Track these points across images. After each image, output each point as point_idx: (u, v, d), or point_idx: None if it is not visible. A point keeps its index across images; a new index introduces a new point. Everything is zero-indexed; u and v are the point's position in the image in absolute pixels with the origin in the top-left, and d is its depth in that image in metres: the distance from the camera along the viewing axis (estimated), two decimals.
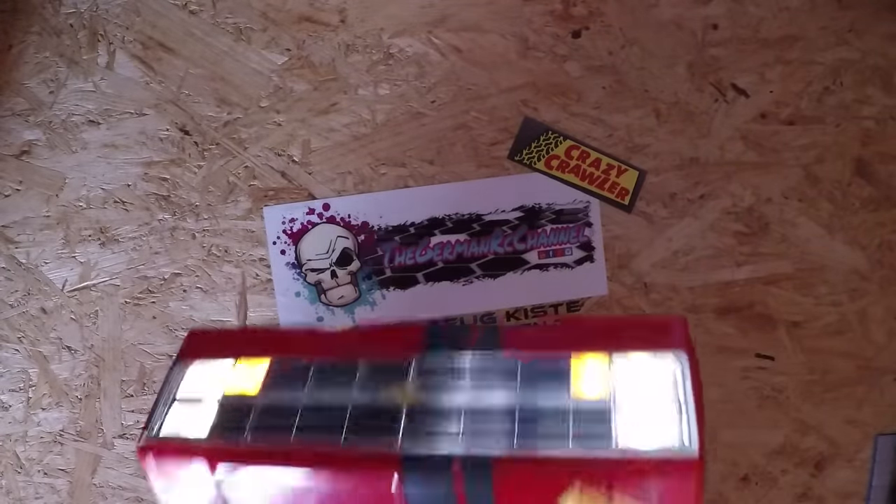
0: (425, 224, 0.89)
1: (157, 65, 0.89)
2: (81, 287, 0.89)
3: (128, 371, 0.89)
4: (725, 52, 0.91)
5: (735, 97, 0.91)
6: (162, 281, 0.89)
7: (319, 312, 0.88)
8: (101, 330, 0.89)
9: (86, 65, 0.90)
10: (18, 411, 0.89)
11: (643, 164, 0.89)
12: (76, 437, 0.89)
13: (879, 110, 0.92)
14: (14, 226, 0.90)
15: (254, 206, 0.89)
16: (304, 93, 0.89)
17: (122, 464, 0.89)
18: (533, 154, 0.89)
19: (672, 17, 0.90)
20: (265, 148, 0.89)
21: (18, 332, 0.89)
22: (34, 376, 0.89)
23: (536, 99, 0.89)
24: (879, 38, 0.92)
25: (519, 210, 0.88)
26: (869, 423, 0.91)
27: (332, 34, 0.89)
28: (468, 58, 0.89)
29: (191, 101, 0.89)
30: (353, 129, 0.89)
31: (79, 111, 0.90)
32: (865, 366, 0.91)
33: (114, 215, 0.89)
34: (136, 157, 0.89)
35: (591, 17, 0.90)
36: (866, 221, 0.91)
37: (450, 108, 0.89)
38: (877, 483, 0.91)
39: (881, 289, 0.91)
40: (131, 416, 0.89)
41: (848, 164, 0.91)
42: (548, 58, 0.90)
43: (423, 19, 0.89)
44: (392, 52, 0.89)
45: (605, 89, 0.90)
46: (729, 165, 0.90)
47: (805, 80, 0.91)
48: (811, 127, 0.91)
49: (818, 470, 0.91)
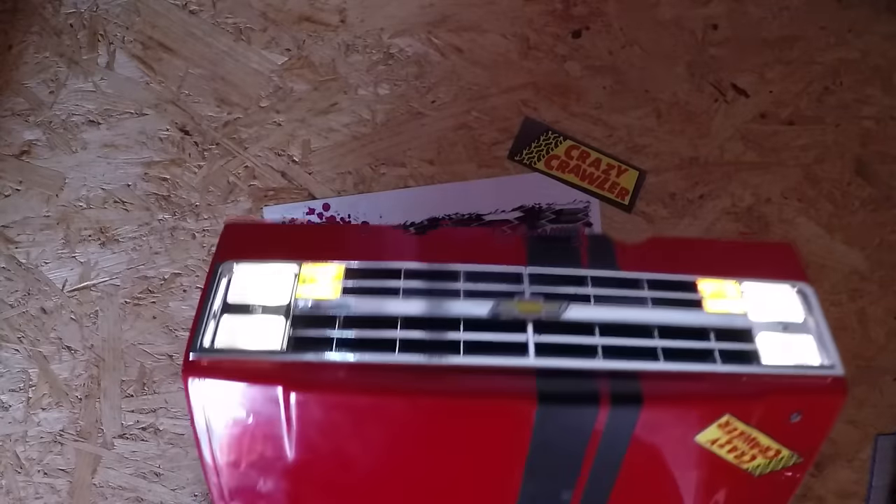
0: (425, 224, 0.89)
1: (157, 65, 0.89)
2: (81, 287, 0.89)
3: (128, 371, 0.89)
4: (725, 52, 0.91)
5: (735, 97, 0.91)
6: (162, 281, 0.89)
7: None
8: (101, 330, 0.89)
9: (86, 65, 0.90)
10: (18, 411, 0.89)
11: (643, 164, 0.89)
12: (76, 437, 0.89)
13: (879, 110, 0.92)
14: (14, 226, 0.90)
15: (254, 206, 0.89)
16: (304, 93, 0.89)
17: (122, 464, 0.89)
18: (533, 154, 0.89)
19: (672, 17, 0.90)
20: (265, 148, 0.89)
21: (18, 332, 0.89)
22: (34, 376, 0.89)
23: (536, 99, 0.89)
24: (879, 38, 0.92)
25: (519, 210, 0.88)
26: (869, 423, 0.91)
27: (332, 34, 0.89)
28: (468, 58, 0.89)
29: (191, 101, 0.89)
30: (353, 129, 0.89)
31: (79, 111, 0.89)
32: (865, 366, 0.91)
33: (114, 215, 0.89)
34: (136, 157, 0.89)
35: (591, 16, 0.90)
36: (866, 221, 0.91)
37: (450, 108, 0.89)
38: (877, 483, 0.91)
39: (881, 289, 0.91)
40: (131, 416, 0.89)
41: (848, 164, 0.91)
42: (548, 58, 0.90)
43: (423, 19, 0.89)
44: (392, 52, 0.89)
45: (605, 89, 0.90)
46: (729, 165, 0.90)
47: (805, 80, 0.91)
48: (811, 127, 0.91)
49: (818, 470, 0.91)
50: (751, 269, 0.43)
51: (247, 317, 0.40)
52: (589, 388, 0.37)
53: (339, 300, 0.40)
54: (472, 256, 0.41)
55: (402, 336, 0.38)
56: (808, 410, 0.39)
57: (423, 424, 0.38)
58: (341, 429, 0.38)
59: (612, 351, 0.38)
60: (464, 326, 0.38)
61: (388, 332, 0.38)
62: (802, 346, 0.41)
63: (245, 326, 0.40)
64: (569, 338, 0.38)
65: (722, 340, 0.40)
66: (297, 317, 0.40)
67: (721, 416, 0.38)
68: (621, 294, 0.40)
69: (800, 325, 0.42)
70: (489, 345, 0.37)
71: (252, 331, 0.40)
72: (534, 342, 0.37)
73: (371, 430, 0.39)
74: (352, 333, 0.38)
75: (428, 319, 0.38)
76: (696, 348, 0.39)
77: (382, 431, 0.39)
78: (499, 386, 0.36)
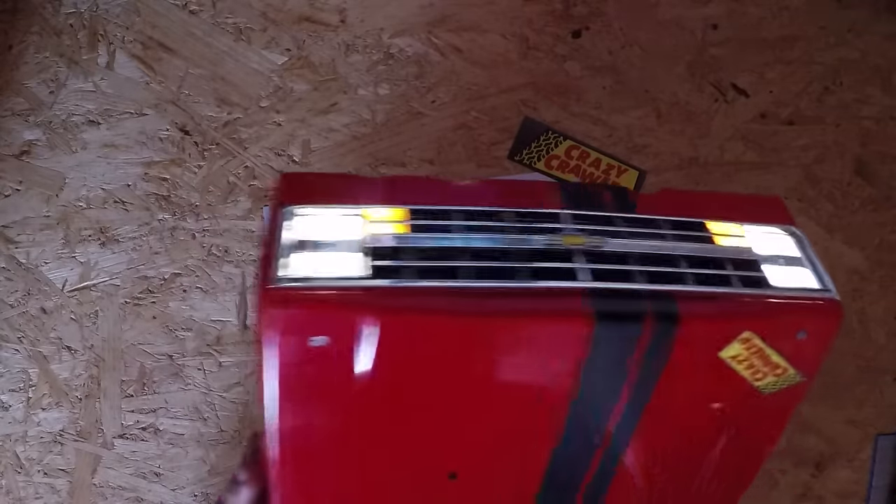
0: None
1: (157, 65, 0.89)
2: (81, 287, 0.89)
3: (128, 371, 0.89)
4: (725, 52, 0.91)
5: (735, 97, 0.91)
6: (162, 281, 0.89)
7: None
8: (101, 330, 0.89)
9: (86, 65, 0.90)
10: (18, 411, 0.89)
11: (643, 164, 0.89)
12: (76, 437, 0.89)
13: (879, 110, 0.92)
14: (14, 226, 0.90)
15: (254, 206, 0.89)
16: (304, 93, 0.89)
17: (122, 464, 0.89)
18: (533, 154, 0.89)
19: (672, 17, 0.90)
20: (265, 148, 0.89)
21: (18, 332, 0.89)
22: (34, 376, 0.89)
23: (536, 99, 0.89)
24: (879, 38, 0.92)
25: None
26: (869, 423, 0.91)
27: (332, 34, 0.89)
28: (468, 58, 0.89)
29: (191, 101, 0.89)
30: (353, 129, 0.89)
31: (79, 111, 0.89)
32: (865, 366, 0.91)
33: (114, 215, 0.89)
34: (136, 157, 0.89)
35: (591, 16, 0.90)
36: (866, 221, 0.91)
37: (450, 107, 0.89)
38: (877, 483, 0.91)
39: (881, 289, 0.91)
40: (131, 416, 0.89)
41: (848, 164, 0.91)
42: (548, 58, 0.90)
43: (423, 19, 0.89)
44: (392, 52, 0.89)
45: (605, 89, 0.90)
46: (729, 165, 0.90)
47: (805, 80, 0.91)
48: (811, 127, 0.91)
49: (818, 470, 0.91)
50: (749, 215, 0.49)
51: (320, 252, 0.42)
52: (636, 307, 0.41)
53: (409, 235, 0.43)
54: (518, 202, 0.46)
55: (475, 265, 0.42)
56: (812, 329, 0.45)
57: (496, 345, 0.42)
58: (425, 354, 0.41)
59: (648, 276, 0.43)
60: (523, 257, 0.43)
61: (462, 261, 0.42)
62: (801, 276, 0.47)
63: (321, 260, 0.41)
64: (611, 266, 0.43)
65: (737, 269, 0.45)
66: (371, 249, 0.41)
67: (742, 333, 0.43)
68: (646, 231, 0.46)
69: (797, 259, 0.47)
70: (547, 270, 0.42)
71: (329, 263, 0.41)
72: (583, 268, 0.42)
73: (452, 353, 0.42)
74: (430, 263, 0.41)
75: (490, 250, 0.43)
76: (717, 274, 0.44)
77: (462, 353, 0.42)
78: (561, 306, 0.41)
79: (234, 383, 0.88)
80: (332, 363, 0.40)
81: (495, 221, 0.44)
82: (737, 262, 0.46)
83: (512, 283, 0.41)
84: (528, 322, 0.41)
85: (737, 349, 0.44)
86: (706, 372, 0.44)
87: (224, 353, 0.89)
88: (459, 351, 0.42)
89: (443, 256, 0.42)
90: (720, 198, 0.56)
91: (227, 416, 0.88)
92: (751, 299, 0.44)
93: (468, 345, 0.41)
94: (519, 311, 0.41)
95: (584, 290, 0.41)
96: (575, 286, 0.41)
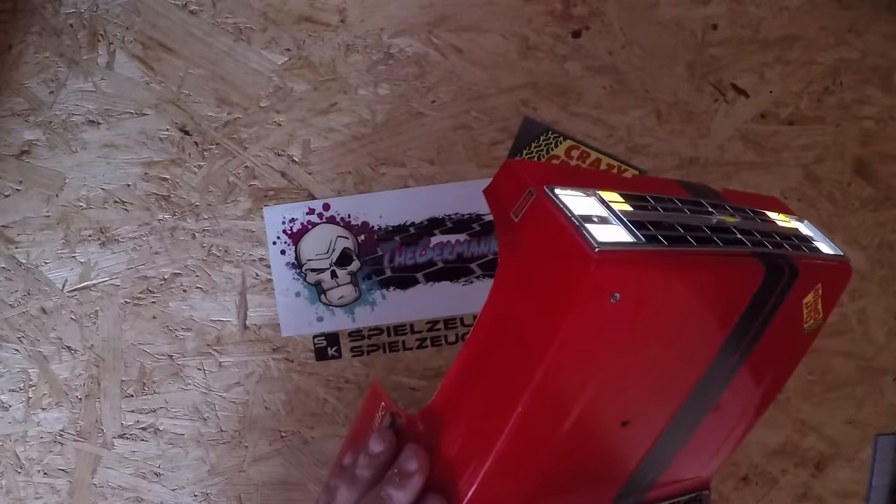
0: (425, 224, 0.89)
1: (157, 65, 0.89)
2: (81, 287, 0.89)
3: (128, 371, 0.89)
4: (725, 52, 0.91)
5: (735, 97, 0.91)
6: (162, 281, 0.89)
7: (319, 312, 0.88)
8: (101, 330, 0.89)
9: (86, 65, 0.90)
10: (18, 411, 0.89)
11: (643, 164, 0.89)
12: (76, 437, 0.89)
13: (879, 110, 0.92)
14: (14, 226, 0.90)
15: (254, 206, 0.89)
16: (304, 93, 0.89)
17: (122, 464, 0.89)
18: (533, 154, 0.89)
19: (672, 17, 0.90)
20: (265, 148, 0.89)
21: (18, 332, 0.89)
22: (34, 376, 0.89)
23: (536, 99, 0.89)
24: (879, 38, 0.92)
25: None
26: (869, 423, 0.91)
27: (332, 34, 0.89)
28: (468, 58, 0.89)
29: (191, 101, 0.89)
30: (353, 129, 0.89)
31: (79, 111, 0.90)
32: (865, 366, 0.91)
33: (114, 215, 0.89)
34: (136, 157, 0.89)
35: (591, 16, 0.90)
36: (866, 221, 0.91)
37: (450, 108, 0.89)
38: (877, 483, 0.91)
39: (881, 289, 0.91)
40: (131, 416, 0.89)
41: (848, 164, 0.91)
42: (548, 58, 0.90)
43: (423, 19, 0.89)
44: (392, 52, 0.89)
45: (605, 89, 0.90)
46: (729, 165, 0.90)
47: (805, 80, 0.91)
48: (811, 127, 0.91)
49: (818, 470, 0.91)
50: (771, 207, 0.67)
51: (599, 225, 0.47)
52: (784, 261, 0.56)
53: (646, 212, 0.52)
54: (671, 192, 0.58)
55: (700, 235, 0.53)
56: (833, 284, 0.62)
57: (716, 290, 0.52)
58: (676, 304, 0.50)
59: (771, 244, 0.58)
60: (707, 229, 0.55)
61: (692, 233, 0.52)
62: (825, 247, 0.63)
63: (607, 230, 0.47)
64: (754, 237, 0.57)
65: (801, 242, 0.61)
66: (632, 222, 0.49)
67: (817, 285, 0.59)
68: (748, 215, 0.61)
69: (818, 237, 0.65)
70: (729, 239, 0.55)
71: (611, 233, 0.47)
72: (743, 238, 0.56)
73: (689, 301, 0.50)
74: (670, 233, 0.50)
75: (694, 226, 0.54)
76: (797, 244, 0.60)
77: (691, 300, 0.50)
78: (748, 259, 0.54)
79: (234, 383, 0.88)
80: (620, 320, 0.46)
81: (681, 205, 0.55)
82: (800, 237, 0.63)
83: (719, 247, 0.52)
84: (741, 269, 0.53)
85: (811, 297, 0.59)
86: (792, 313, 0.58)
87: (224, 353, 0.89)
88: (692, 298, 0.50)
89: (673, 229, 0.51)
90: (748, 194, 0.71)
91: (227, 416, 0.88)
92: (821, 261, 0.61)
93: (701, 291, 0.50)
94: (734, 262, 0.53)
95: (751, 252, 0.54)
96: (745, 250, 0.54)
